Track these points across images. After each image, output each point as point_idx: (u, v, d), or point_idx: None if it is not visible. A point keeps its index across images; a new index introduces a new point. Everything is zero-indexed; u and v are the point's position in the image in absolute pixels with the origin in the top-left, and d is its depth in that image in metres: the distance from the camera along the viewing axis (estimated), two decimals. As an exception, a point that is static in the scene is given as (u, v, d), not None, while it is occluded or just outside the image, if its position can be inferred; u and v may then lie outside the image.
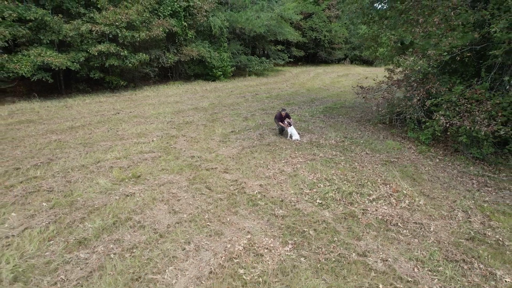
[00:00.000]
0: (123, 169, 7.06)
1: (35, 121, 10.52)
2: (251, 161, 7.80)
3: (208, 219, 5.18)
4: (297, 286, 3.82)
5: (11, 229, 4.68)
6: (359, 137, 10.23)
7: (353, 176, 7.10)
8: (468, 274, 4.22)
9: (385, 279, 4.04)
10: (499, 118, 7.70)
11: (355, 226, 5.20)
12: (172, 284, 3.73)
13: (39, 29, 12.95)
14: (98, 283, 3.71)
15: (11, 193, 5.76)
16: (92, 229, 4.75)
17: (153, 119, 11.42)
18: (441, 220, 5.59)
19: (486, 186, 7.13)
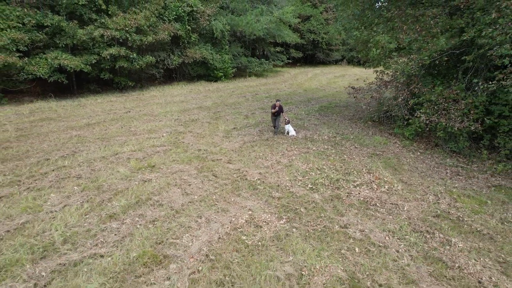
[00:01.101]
0: (139, 160, 7.94)
1: (55, 119, 11.39)
2: (252, 154, 8.69)
3: (215, 199, 6.07)
4: (289, 249, 4.70)
5: (53, 206, 5.57)
6: (349, 133, 11.11)
7: (341, 166, 7.98)
8: (429, 241, 5.11)
9: (361, 244, 4.93)
10: (471, 115, 8.58)
11: (340, 205, 6.09)
12: (189, 246, 4.62)
13: (54, 34, 13.82)
14: (129, 245, 4.60)
15: (47, 179, 6.64)
16: (119, 207, 5.64)
17: (161, 117, 12.29)
18: (414, 202, 6.47)
19: (458, 175, 8.02)
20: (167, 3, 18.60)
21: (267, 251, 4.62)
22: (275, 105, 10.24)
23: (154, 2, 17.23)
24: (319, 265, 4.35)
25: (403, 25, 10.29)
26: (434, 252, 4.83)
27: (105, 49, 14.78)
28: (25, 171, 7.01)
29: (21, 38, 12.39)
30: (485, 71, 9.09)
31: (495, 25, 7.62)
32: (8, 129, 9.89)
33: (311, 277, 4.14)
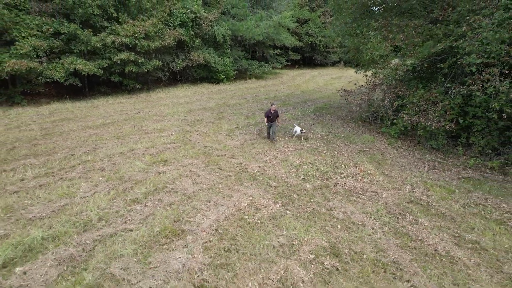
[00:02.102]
0: (153, 155, 8.90)
1: (73, 119, 12.36)
2: (252, 150, 9.65)
3: (221, 187, 7.03)
4: (283, 226, 5.67)
5: (85, 192, 6.53)
6: (341, 132, 12.08)
7: (331, 161, 8.95)
8: (400, 221, 6.07)
9: (342, 223, 5.89)
10: (447, 116, 9.54)
11: (327, 193, 7.06)
12: (201, 223, 5.58)
13: (70, 40, 14.77)
14: (152, 222, 5.56)
15: (75, 171, 7.61)
16: (140, 193, 6.60)
17: (169, 117, 13.25)
18: (392, 190, 7.44)
19: (434, 168, 8.99)
20: (172, 10, 19.55)
21: (265, 227, 5.58)
22: (270, 110, 10.04)
23: (160, 10, 18.18)
24: (307, 238, 5.31)
25: (389, 34, 11.25)
26: (402, 229, 5.80)
27: (115, 54, 15.72)
28: (55, 164, 7.98)
29: (41, 45, 13.34)
30: (461, 76, 10.05)
31: (465, 37, 8.58)
32: (34, 128, 10.86)
33: (300, 246, 5.10)
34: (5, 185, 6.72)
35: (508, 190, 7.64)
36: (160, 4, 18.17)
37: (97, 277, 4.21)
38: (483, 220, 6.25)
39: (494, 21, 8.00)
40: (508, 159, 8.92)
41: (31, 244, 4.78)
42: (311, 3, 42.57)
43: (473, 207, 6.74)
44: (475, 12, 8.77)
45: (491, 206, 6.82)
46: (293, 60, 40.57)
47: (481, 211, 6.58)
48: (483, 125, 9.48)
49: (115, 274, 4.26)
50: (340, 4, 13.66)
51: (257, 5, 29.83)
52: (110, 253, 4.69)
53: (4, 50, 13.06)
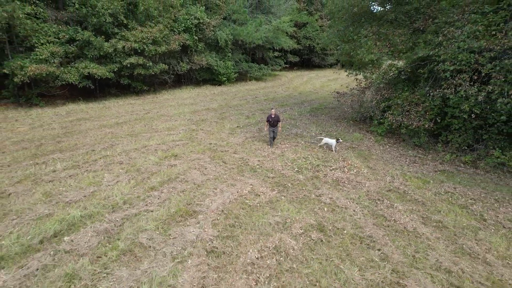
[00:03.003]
0: (164, 151, 9.89)
1: (88, 119, 13.34)
2: (252, 146, 10.64)
3: (225, 178, 8.02)
4: (278, 208, 6.65)
5: (109, 182, 7.52)
6: (333, 131, 13.06)
7: (322, 156, 9.94)
8: (378, 205, 7.06)
9: (329, 206, 6.88)
10: (427, 116, 10.53)
11: (317, 182, 8.05)
12: (209, 206, 6.57)
13: (83, 46, 15.75)
14: (169, 205, 6.55)
15: (97, 164, 8.60)
16: (156, 182, 7.59)
17: (176, 117, 14.24)
18: (374, 181, 8.42)
19: (414, 163, 9.98)
20: (177, 16, 20.53)
21: (263, 209, 6.58)
22: (270, 115, 10.15)
23: (166, 16, 19.17)
24: (298, 217, 6.31)
25: (377, 42, 12.23)
26: (379, 211, 6.79)
27: (125, 58, 16.70)
28: (79, 158, 8.97)
29: (58, 51, 14.32)
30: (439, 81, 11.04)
31: (441, 46, 9.57)
32: (55, 127, 11.84)
33: (292, 223, 6.10)
34: (41, 175, 7.71)
35: (476, 181, 8.64)
36: (166, 11, 19.17)
37: (129, 245, 5.20)
38: (449, 205, 7.24)
39: (464, 33, 8.99)
40: (480, 154, 9.91)
41: (72, 220, 5.77)
42: (309, 7, 43.57)
43: (443, 195, 7.74)
44: (450, 24, 9.76)
45: (458, 194, 7.81)
46: (292, 62, 41.55)
47: (449, 198, 7.58)
48: (460, 125, 10.45)
49: (143, 243, 5.25)
50: (334, 13, 14.67)
51: (257, 10, 30.82)
52: (137, 228, 5.68)
53: (25, 56, 14.04)
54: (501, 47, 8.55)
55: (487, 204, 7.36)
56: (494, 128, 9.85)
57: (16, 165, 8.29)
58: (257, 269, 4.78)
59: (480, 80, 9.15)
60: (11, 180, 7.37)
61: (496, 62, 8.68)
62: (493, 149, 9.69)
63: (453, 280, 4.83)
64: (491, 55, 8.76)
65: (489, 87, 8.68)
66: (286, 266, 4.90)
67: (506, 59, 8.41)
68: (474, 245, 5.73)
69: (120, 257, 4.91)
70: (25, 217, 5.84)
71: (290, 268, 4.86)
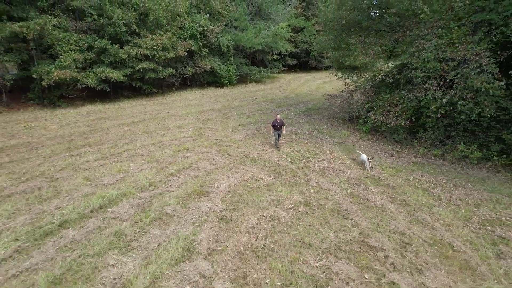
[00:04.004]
0: (177, 145, 11.32)
1: (107, 118, 14.78)
2: (252, 142, 12.07)
3: (230, 167, 9.46)
4: (273, 190, 8.09)
5: (134, 170, 8.95)
6: (324, 129, 14.50)
7: (313, 150, 11.38)
8: (355, 188, 8.49)
9: (315, 188, 8.31)
10: (404, 115, 11.95)
11: (307, 171, 9.49)
12: (218, 187, 8.00)
13: (100, 53, 17.17)
14: (185, 187, 7.98)
15: (122, 156, 10.04)
16: (174, 170, 9.03)
17: (184, 117, 15.67)
18: (355, 170, 9.86)
19: (392, 156, 11.41)
20: (184, 24, 21.95)
21: (261, 190, 8.02)
22: (276, 120, 10.93)
23: (173, 25, 20.60)
24: (289, 196, 7.75)
25: (362, 50, 13.66)
26: (356, 192, 8.23)
27: (137, 63, 18.12)
28: (106, 151, 10.41)
29: (79, 57, 15.75)
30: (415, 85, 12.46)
31: (414, 56, 11.00)
32: (80, 125, 13.28)
33: (284, 200, 7.54)
34: (78, 164, 9.15)
35: (442, 170, 10.08)
36: (173, 19, 20.59)
37: (158, 214, 6.65)
38: (415, 188, 8.68)
39: (432, 45, 10.42)
40: (448, 148, 11.35)
41: (111, 197, 7.22)
42: (306, 12, 44.97)
43: (411, 181, 9.18)
44: (421, 37, 11.19)
45: (424, 180, 9.25)
46: (290, 65, 42.95)
47: (415, 183, 9.02)
48: (433, 123, 11.88)
49: (168, 213, 6.70)
50: (326, 24, 16.10)
51: (257, 17, 32.24)
52: (162, 203, 7.12)
53: (49, 62, 15.47)
54: (461, 57, 9.99)
55: (446, 188, 8.80)
56: (461, 126, 11.31)
57: (55, 157, 9.73)
58: (256, 230, 6.23)
59: (446, 85, 10.59)
60: (56, 168, 8.82)
61: (458, 70, 10.12)
62: (459, 144, 11.14)
63: (405, 239, 6.27)
64: (454, 64, 10.20)
65: (452, 91, 10.12)
66: (279, 229, 6.35)
67: (465, 68, 9.85)
68: (427, 217, 7.18)
69: (153, 222, 6.36)
70: (74, 195, 7.29)
71: (281, 230, 6.31)
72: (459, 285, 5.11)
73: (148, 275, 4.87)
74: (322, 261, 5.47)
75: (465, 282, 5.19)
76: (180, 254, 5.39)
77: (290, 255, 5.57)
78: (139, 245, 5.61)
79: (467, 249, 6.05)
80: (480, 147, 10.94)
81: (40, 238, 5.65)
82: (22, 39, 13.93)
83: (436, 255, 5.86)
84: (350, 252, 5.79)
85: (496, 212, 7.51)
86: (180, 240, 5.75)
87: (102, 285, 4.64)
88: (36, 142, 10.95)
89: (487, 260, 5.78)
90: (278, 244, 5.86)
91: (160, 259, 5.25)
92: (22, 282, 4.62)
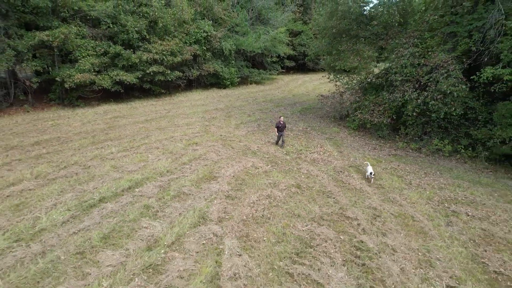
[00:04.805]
0: (187, 140, 12.70)
1: (123, 117, 16.16)
2: (253, 137, 13.46)
3: (234, 157, 10.86)
4: (271, 176, 9.48)
5: (153, 159, 10.34)
6: (317, 126, 15.89)
7: (305, 144, 12.77)
8: (340, 175, 9.88)
9: (305, 175, 9.71)
10: (386, 114, 13.34)
11: (299, 161, 10.88)
12: (225, 173, 9.39)
13: (114, 57, 18.54)
14: (197, 173, 9.37)
15: (141, 148, 11.43)
16: (186, 160, 10.41)
17: (191, 115, 17.05)
18: (341, 160, 11.25)
19: (374, 149, 12.81)
20: (189, 30, 23.30)
21: (260, 176, 9.41)
22: (279, 121, 11.99)
23: (180, 31, 21.96)
24: (283, 180, 9.14)
25: (350, 56, 15.05)
26: (340, 178, 9.62)
27: (148, 67, 19.49)
28: (126, 145, 11.79)
29: (96, 62, 17.12)
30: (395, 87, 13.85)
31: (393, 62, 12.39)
32: (100, 123, 14.67)
33: (279, 183, 8.93)
34: (104, 155, 10.54)
35: (417, 161, 11.47)
36: (180, 26, 21.95)
37: (176, 192, 8.04)
38: (391, 175, 10.08)
39: (408, 53, 11.81)
40: (425, 143, 12.74)
41: (137, 180, 8.61)
42: (304, 16, 46.31)
43: (388, 169, 10.58)
44: (401, 45, 12.58)
45: (399, 169, 10.65)
46: (288, 67, 44.27)
47: (392, 171, 10.42)
48: (412, 121, 13.27)
49: (185, 192, 8.10)
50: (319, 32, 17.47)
51: (257, 22, 33.58)
52: (179, 185, 8.52)
53: (70, 66, 16.84)
54: (433, 64, 11.38)
55: (417, 175, 10.20)
56: (435, 124, 12.70)
57: (84, 149, 11.13)
58: (256, 205, 7.63)
59: (420, 88, 11.99)
60: (86, 158, 10.21)
61: (431, 75, 11.52)
62: (434, 139, 12.53)
63: (376, 212, 7.67)
64: (427, 70, 11.60)
65: (425, 93, 11.52)
66: (274, 204, 7.75)
67: (436, 73, 11.24)
68: (397, 197, 8.58)
69: (173, 198, 7.76)
70: (106, 179, 8.69)
71: (276, 205, 7.71)
72: (413, 243, 6.52)
73: (174, 234, 6.27)
74: (307, 227, 6.87)
75: (417, 241, 6.59)
76: (196, 221, 6.80)
77: (283, 222, 6.98)
78: (164, 214, 7.02)
79: (424, 220, 7.46)
80: (451, 141, 12.35)
81: (87, 209, 7.06)
82: (48, 46, 15.29)
83: (399, 224, 7.26)
84: (330, 221, 7.19)
85: (455, 193, 8.92)
86: (196, 211, 7.16)
87: (140, 240, 6.05)
88: (65, 137, 12.35)
89: (438, 227, 7.18)
90: (273, 215, 7.27)
91: (182, 223, 6.65)
92: (81, 237, 6.02)
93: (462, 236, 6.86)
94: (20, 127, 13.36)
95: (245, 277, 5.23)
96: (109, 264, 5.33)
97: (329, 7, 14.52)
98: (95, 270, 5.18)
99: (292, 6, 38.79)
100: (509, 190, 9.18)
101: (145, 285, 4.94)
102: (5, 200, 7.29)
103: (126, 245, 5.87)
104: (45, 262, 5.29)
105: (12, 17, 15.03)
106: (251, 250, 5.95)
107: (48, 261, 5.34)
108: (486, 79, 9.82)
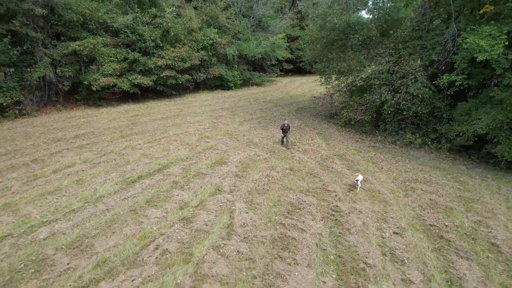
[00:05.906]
0: (199, 134, 14.71)
1: (142, 115, 18.16)
2: (255, 132, 15.47)
3: (239, 148, 12.86)
4: (269, 162, 11.50)
5: (174, 149, 12.35)
6: (310, 123, 17.90)
7: (299, 137, 14.78)
8: (325, 161, 11.90)
9: (297, 161, 11.72)
10: (367, 113, 15.33)
11: (293, 151, 12.89)
12: (233, 159, 11.40)
13: (132, 63, 20.54)
14: (211, 159, 11.38)
15: (162, 141, 13.43)
16: (201, 149, 12.41)
17: (201, 114, 19.05)
18: (327, 150, 13.26)
19: (357, 142, 14.81)
20: (197, 37, 25.28)
21: (261, 162, 11.43)
22: (284, 124, 13.06)
23: (189, 39, 23.94)
24: (279, 165, 11.16)
25: (339, 63, 17.02)
26: (325, 164, 11.63)
27: (161, 71, 21.47)
28: (149, 138, 13.80)
29: (117, 67, 19.11)
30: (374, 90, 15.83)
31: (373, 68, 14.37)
32: (123, 120, 16.68)
33: (276, 167, 10.94)
34: (133, 146, 12.56)
35: (391, 152, 13.47)
36: (189, 34, 23.93)
37: (196, 173, 10.06)
38: (367, 162, 12.09)
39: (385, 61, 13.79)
40: (400, 137, 14.73)
41: (164, 164, 10.63)
42: (301, 22, 48.23)
43: (366, 158, 12.58)
44: (379, 55, 14.56)
45: (375, 157, 12.66)
46: (286, 69, 46.24)
47: (368, 159, 12.43)
48: (390, 118, 15.23)
49: (203, 172, 10.12)
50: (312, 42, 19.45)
51: (257, 28, 35.55)
52: (197, 167, 10.53)
53: (94, 71, 18.84)
54: (405, 71, 13.37)
55: (389, 162, 12.21)
56: (409, 120, 14.69)
57: (115, 141, 13.14)
58: (258, 181, 9.65)
59: (394, 91, 13.98)
60: (119, 148, 12.23)
61: (402, 80, 13.51)
62: (407, 133, 14.53)
63: (350, 188, 9.68)
64: (400, 75, 13.58)
65: (398, 95, 13.51)
66: (272, 181, 9.77)
67: (406, 79, 13.23)
68: (369, 177, 10.58)
69: (194, 176, 9.78)
70: (139, 163, 10.72)
71: (273, 182, 9.73)
72: (375, 208, 8.53)
73: (198, 199, 8.29)
74: (297, 196, 8.89)
75: (379, 207, 8.61)
76: (214, 191, 8.82)
77: (278, 193, 9.00)
78: (189, 187, 9.04)
79: (387, 193, 9.48)
80: (422, 135, 14.35)
81: (130, 183, 9.08)
82: (78, 54, 17.29)
83: (367, 195, 9.28)
84: (315, 193, 9.21)
85: (416, 175, 10.93)
86: (213, 185, 9.18)
87: (174, 203, 8.07)
88: (97, 132, 14.36)
89: (397, 198, 9.20)
90: (271, 188, 9.29)
91: (203, 193, 8.67)
92: (131, 201, 8.04)
93: (413, 204, 8.88)
94: (58, 123, 15.38)
95: (251, 225, 7.25)
96: (155, 217, 7.36)
97: (318, 23, 16.50)
98: (146, 220, 7.21)
99: (290, 13, 40.71)
100: (460, 173, 11.20)
101: (182, 229, 6.96)
102: (67, 177, 9.32)
103: (165, 206, 7.89)
104: (111, 215, 7.32)
105: (47, 29, 17.02)
106: (255, 210, 7.97)
107: (113, 214, 7.37)
108: (443, 84, 11.82)
